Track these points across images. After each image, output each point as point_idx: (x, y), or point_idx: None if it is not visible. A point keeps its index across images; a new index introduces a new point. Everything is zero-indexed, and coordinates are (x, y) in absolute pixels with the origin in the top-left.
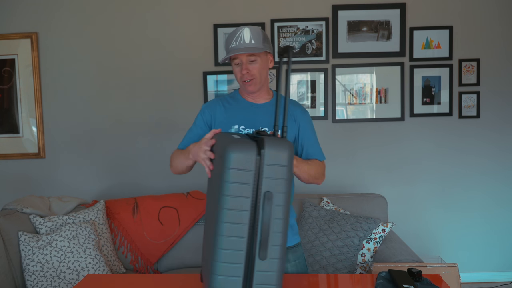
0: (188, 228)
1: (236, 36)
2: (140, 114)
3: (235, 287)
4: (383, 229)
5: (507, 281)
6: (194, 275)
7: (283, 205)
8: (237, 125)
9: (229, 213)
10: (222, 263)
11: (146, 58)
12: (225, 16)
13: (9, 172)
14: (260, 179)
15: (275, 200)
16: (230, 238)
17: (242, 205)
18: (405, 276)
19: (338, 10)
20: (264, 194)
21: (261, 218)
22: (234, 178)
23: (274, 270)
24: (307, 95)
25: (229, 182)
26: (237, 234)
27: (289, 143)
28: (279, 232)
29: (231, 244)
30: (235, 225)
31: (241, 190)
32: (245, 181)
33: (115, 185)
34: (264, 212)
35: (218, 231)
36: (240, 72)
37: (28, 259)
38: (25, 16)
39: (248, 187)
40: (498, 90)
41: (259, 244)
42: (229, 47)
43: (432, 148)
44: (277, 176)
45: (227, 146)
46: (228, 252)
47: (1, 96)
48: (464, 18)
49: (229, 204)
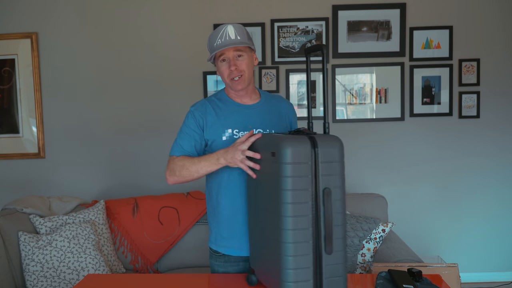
0: (188, 228)
1: (221, 34)
2: (140, 114)
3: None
4: (383, 229)
5: (507, 281)
6: (194, 275)
7: (340, 199)
8: (231, 129)
9: (292, 207)
10: (291, 270)
11: (146, 58)
12: (225, 16)
13: (9, 172)
14: (317, 177)
15: (333, 195)
16: (296, 232)
17: (303, 198)
18: (405, 276)
19: (338, 10)
20: (323, 191)
21: (323, 214)
22: (293, 172)
23: (340, 262)
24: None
25: (287, 176)
26: (303, 226)
27: (338, 139)
28: (340, 225)
29: (299, 236)
30: (300, 218)
31: (301, 183)
32: (304, 174)
33: (115, 185)
34: (326, 208)
35: (283, 237)
36: (228, 69)
37: (28, 259)
38: (25, 16)
39: (307, 179)
40: (498, 90)
41: (324, 239)
42: (214, 45)
43: (432, 148)
44: (332, 172)
45: (280, 142)
46: (297, 258)
47: (1, 96)
48: (464, 18)
49: (291, 198)
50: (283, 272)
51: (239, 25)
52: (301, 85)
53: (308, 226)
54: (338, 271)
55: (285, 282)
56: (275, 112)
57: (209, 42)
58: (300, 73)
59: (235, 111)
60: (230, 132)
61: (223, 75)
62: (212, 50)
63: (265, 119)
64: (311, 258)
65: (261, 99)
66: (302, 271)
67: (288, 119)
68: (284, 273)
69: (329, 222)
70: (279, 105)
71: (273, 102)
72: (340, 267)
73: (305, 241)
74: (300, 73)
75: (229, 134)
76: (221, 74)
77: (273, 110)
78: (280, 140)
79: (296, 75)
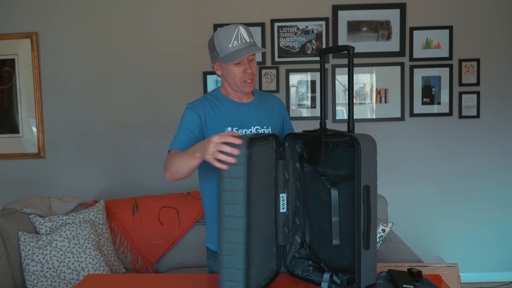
0: (188, 228)
1: (235, 35)
2: (140, 114)
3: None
4: (383, 229)
5: (507, 281)
6: (194, 275)
7: (375, 195)
8: (230, 127)
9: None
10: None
11: (146, 58)
12: (225, 16)
13: (9, 172)
14: (360, 174)
15: (371, 192)
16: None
17: (237, 199)
18: (405, 276)
19: (338, 10)
20: (364, 188)
21: (363, 211)
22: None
23: (373, 256)
24: (307, 95)
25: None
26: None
27: (371, 137)
28: (374, 221)
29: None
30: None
31: (236, 184)
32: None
33: (115, 185)
34: (366, 205)
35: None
36: (241, 72)
37: (28, 259)
38: (25, 16)
39: (241, 180)
40: (498, 90)
41: (363, 236)
42: (229, 46)
43: (432, 148)
44: (370, 170)
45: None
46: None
47: (1, 96)
48: (464, 18)
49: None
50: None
51: (246, 26)
52: (301, 85)
53: (241, 228)
54: (372, 265)
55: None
56: (269, 109)
57: (219, 43)
58: (300, 73)
59: (233, 109)
60: (229, 130)
61: (235, 77)
62: (227, 52)
63: (261, 116)
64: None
65: (255, 97)
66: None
67: (279, 115)
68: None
69: (369, 218)
70: (270, 102)
71: (265, 100)
72: (374, 261)
73: (239, 242)
74: (300, 73)
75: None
76: (232, 76)
77: (267, 107)
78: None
79: (296, 75)
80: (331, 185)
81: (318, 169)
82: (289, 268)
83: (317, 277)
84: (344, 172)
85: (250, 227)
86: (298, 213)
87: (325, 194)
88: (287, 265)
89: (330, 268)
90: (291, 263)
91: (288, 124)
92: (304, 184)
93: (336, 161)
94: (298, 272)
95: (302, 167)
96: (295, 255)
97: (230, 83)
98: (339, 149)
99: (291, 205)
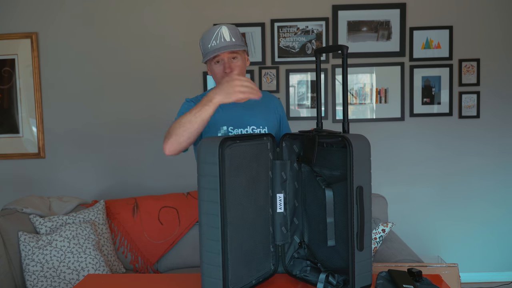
0: (188, 228)
1: (215, 35)
2: (140, 114)
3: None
4: (383, 229)
5: (507, 281)
6: (194, 275)
7: (369, 196)
8: (226, 126)
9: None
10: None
11: (146, 58)
12: (225, 16)
13: (9, 172)
14: (352, 175)
15: (365, 193)
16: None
17: (213, 197)
18: (405, 276)
19: (338, 10)
20: (356, 189)
21: (356, 212)
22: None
23: (368, 258)
24: (307, 95)
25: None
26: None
27: (364, 137)
28: (369, 222)
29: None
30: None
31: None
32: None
33: (115, 185)
34: (359, 206)
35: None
36: (222, 71)
37: (28, 259)
38: (25, 16)
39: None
40: (498, 90)
41: (357, 237)
42: (208, 46)
43: (432, 148)
44: (364, 171)
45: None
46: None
47: (1, 96)
48: (464, 18)
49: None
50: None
51: (232, 26)
52: (301, 85)
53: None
54: (367, 267)
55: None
56: (266, 109)
57: (202, 43)
58: (300, 73)
59: (229, 108)
60: (225, 129)
61: (216, 76)
62: (206, 52)
63: (257, 116)
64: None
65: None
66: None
67: (277, 114)
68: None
69: (362, 219)
70: (267, 101)
71: (262, 99)
72: (369, 262)
73: (215, 239)
74: (300, 73)
75: (224, 131)
76: (214, 75)
77: (263, 107)
78: (201, 141)
79: (296, 75)
80: (326, 185)
81: (314, 170)
82: (288, 268)
83: (314, 277)
84: (339, 172)
85: (225, 225)
86: (297, 213)
87: (321, 194)
88: (285, 265)
89: (326, 269)
90: (290, 263)
91: (285, 123)
92: (302, 184)
93: (331, 161)
94: (296, 272)
95: (300, 167)
96: (294, 255)
97: (217, 82)
98: (334, 149)
99: (289, 205)
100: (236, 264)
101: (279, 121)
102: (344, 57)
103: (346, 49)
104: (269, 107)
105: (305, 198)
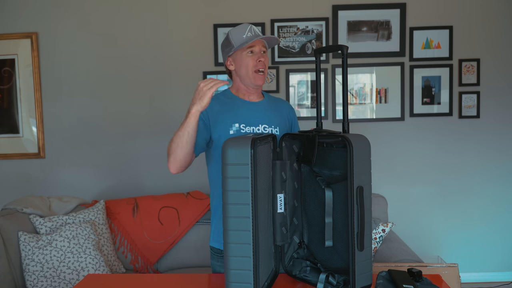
0: (188, 228)
1: (249, 29)
2: (140, 114)
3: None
4: (383, 229)
5: (507, 281)
6: (194, 275)
7: (369, 196)
8: (238, 123)
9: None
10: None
11: (146, 58)
12: (225, 16)
13: (9, 172)
14: (352, 175)
15: (365, 193)
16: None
17: (243, 200)
18: (405, 276)
19: (338, 10)
20: (357, 189)
21: (356, 212)
22: (232, 173)
23: (369, 258)
24: (307, 95)
25: (226, 178)
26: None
27: (364, 137)
28: (369, 222)
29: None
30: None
31: (241, 185)
32: (244, 175)
33: (115, 185)
34: (360, 206)
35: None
36: (254, 60)
37: (28, 259)
38: (25, 16)
39: (247, 181)
40: (498, 90)
41: (357, 237)
42: (243, 36)
43: (432, 148)
44: (364, 170)
45: (225, 144)
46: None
47: (1, 96)
48: (464, 18)
49: (232, 199)
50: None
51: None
52: (301, 85)
53: (248, 228)
54: (368, 267)
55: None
56: (278, 110)
57: (234, 35)
58: (300, 73)
59: (242, 106)
60: (237, 126)
61: (247, 66)
62: (241, 42)
63: (270, 116)
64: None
65: (265, 98)
66: (243, 272)
67: (288, 119)
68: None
69: (362, 219)
70: (280, 105)
71: (275, 102)
72: (369, 262)
73: (247, 243)
74: (300, 73)
75: (236, 128)
76: (245, 65)
77: (276, 108)
78: (226, 142)
79: (296, 75)
80: (325, 185)
81: (314, 170)
82: (287, 268)
83: (314, 277)
84: (339, 172)
85: (257, 228)
86: (296, 213)
87: (321, 194)
88: (285, 265)
89: (326, 269)
90: (289, 263)
91: (296, 128)
92: (301, 184)
93: (331, 161)
94: (296, 272)
95: (300, 167)
96: (293, 255)
97: (243, 76)
98: (334, 149)
99: (289, 205)
100: (261, 266)
101: (290, 124)
102: (344, 57)
103: (346, 49)
104: (281, 110)
105: (304, 198)
